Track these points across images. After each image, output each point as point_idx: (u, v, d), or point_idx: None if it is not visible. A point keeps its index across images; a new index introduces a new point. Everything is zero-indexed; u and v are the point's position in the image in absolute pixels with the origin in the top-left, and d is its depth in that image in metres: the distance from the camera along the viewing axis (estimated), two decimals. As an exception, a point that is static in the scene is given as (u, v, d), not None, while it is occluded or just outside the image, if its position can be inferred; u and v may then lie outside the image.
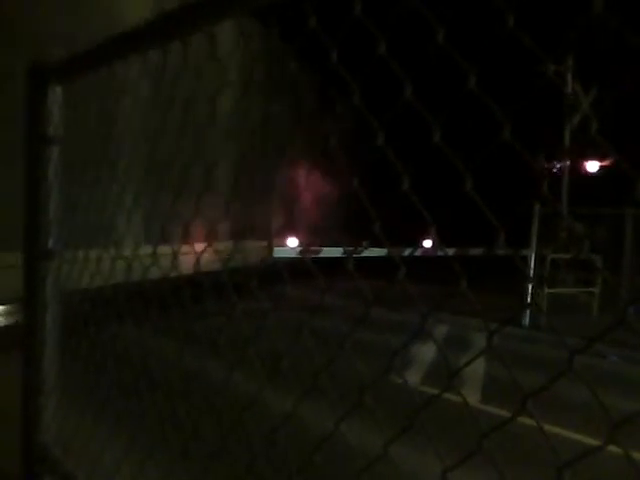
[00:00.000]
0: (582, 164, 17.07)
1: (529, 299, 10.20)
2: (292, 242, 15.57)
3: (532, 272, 11.54)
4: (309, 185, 19.01)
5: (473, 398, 6.20)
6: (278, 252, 13.91)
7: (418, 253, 14.10)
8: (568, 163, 16.60)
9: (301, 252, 13.09)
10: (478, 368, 7.23)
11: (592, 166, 16.82)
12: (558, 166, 16.70)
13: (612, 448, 0.68)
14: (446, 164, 0.97)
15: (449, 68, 0.98)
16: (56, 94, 1.98)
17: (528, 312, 11.05)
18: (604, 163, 16.48)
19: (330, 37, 1.09)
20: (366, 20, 0.98)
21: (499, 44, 0.86)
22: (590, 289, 12.33)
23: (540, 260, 11.58)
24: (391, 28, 1.00)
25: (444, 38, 0.85)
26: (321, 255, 13.28)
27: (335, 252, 13.19)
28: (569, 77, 16.21)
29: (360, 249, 1.27)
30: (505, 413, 0.76)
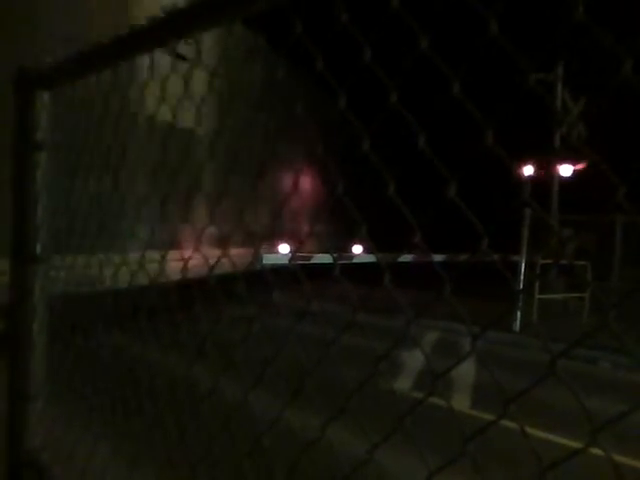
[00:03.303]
0: (573, 169, 17.19)
1: (517, 305, 10.23)
2: (283, 248, 15.54)
3: (522, 278, 11.59)
4: (300, 190, 19.01)
5: (463, 404, 6.21)
6: (268, 259, 13.87)
7: (411, 259, 14.14)
8: (557, 169, 16.71)
9: (290, 259, 13.06)
10: (468, 374, 7.25)
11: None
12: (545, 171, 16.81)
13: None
14: (435, 170, 0.97)
15: (435, 74, 0.98)
16: (44, 100, 1.98)
17: (518, 318, 11.11)
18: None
19: (316, 42, 1.09)
20: (352, 27, 0.99)
21: (486, 51, 0.87)
22: (580, 294, 12.40)
23: (530, 266, 11.64)
24: (377, 33, 1.01)
25: (429, 45, 0.86)
26: (313, 261, 13.28)
27: (327, 258, 13.16)
28: (559, 86, 16.36)
29: (349, 255, 1.27)
30: (493, 418, 0.77)
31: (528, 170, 16.44)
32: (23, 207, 2.02)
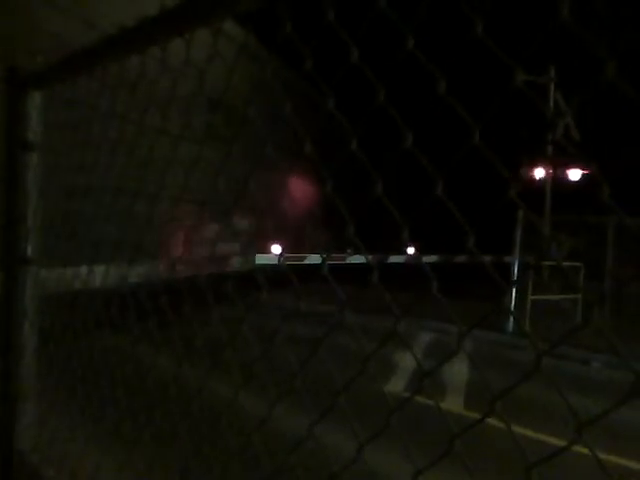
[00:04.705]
0: (564, 172, 17.25)
1: (509, 306, 10.26)
2: (276, 249, 15.53)
3: (515, 279, 11.61)
4: (292, 191, 19.01)
5: (456, 404, 6.22)
6: (260, 259, 13.83)
7: (404, 260, 14.18)
8: (550, 171, 16.79)
9: (279, 259, 13.00)
10: (462, 375, 7.26)
11: (574, 174, 16.96)
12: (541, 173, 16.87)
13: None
14: (423, 169, 0.97)
15: (423, 74, 0.99)
16: (35, 100, 1.97)
17: (511, 319, 11.14)
18: (586, 171, 16.64)
19: (306, 41, 1.10)
20: (339, 28, 0.99)
21: (475, 51, 0.87)
22: (573, 295, 12.40)
23: (523, 267, 11.67)
24: (365, 32, 1.01)
25: (414, 45, 0.86)
26: (306, 262, 13.27)
27: (320, 259, 13.15)
28: (551, 87, 16.43)
29: (340, 255, 1.27)
30: (487, 418, 0.78)
31: (526, 171, 16.54)
32: (14, 208, 2.01)
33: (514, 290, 10.63)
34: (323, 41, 1.11)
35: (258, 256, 14.19)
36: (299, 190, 19.48)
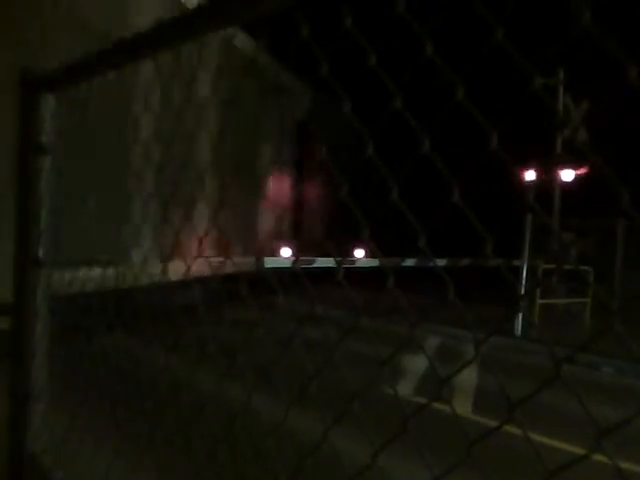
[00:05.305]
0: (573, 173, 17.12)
1: (519, 310, 10.19)
2: (285, 252, 15.50)
3: (524, 282, 11.56)
4: (301, 193, 19.01)
5: (465, 409, 6.19)
6: (270, 262, 13.80)
7: (414, 264, 14.09)
8: (559, 174, 16.69)
9: (293, 263, 13.02)
10: (470, 379, 7.22)
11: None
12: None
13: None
14: (438, 175, 0.97)
15: (439, 79, 0.98)
16: (48, 103, 1.98)
17: (520, 323, 11.07)
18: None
19: (321, 47, 1.10)
20: (356, 32, 0.99)
21: (491, 56, 0.87)
22: (582, 299, 12.34)
23: (532, 270, 11.61)
24: (382, 38, 1.01)
25: (433, 50, 0.86)
26: (315, 265, 13.23)
27: (329, 262, 13.13)
28: (560, 90, 16.34)
29: (351, 259, 1.26)
30: (495, 423, 0.77)
31: (530, 174, 16.42)
32: (27, 211, 2.02)
33: (522, 293, 10.56)
34: (336, 45, 1.11)
35: (268, 259, 14.17)
36: (309, 194, 19.47)
